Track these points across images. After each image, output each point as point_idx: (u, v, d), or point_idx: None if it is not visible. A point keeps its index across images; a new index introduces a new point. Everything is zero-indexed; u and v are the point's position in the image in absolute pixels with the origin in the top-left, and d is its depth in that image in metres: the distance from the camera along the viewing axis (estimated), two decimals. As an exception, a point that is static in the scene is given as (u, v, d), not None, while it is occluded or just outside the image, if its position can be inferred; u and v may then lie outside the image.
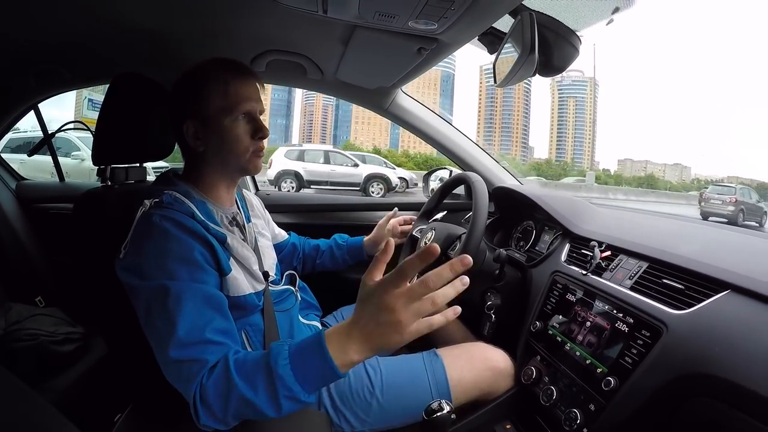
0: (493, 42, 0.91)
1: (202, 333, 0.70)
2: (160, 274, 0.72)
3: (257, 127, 0.88)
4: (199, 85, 0.85)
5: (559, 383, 0.90)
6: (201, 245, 0.78)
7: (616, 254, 0.95)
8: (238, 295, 0.84)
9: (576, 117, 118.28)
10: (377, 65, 1.19)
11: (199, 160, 0.89)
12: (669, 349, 0.71)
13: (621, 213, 1.35)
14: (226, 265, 0.82)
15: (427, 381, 0.95)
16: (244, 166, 0.90)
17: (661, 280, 0.82)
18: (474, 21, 0.79)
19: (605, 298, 0.88)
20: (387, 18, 0.81)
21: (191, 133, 0.86)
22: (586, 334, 0.88)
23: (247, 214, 1.02)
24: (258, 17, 1.03)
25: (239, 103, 0.85)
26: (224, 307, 0.76)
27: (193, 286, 0.73)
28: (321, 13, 0.83)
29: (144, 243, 0.75)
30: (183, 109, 0.87)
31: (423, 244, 1.18)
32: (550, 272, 1.06)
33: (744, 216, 13.76)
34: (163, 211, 0.77)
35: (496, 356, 1.03)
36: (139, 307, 0.74)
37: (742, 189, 15.34)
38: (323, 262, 1.32)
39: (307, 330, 1.03)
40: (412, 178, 13.94)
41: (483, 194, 1.07)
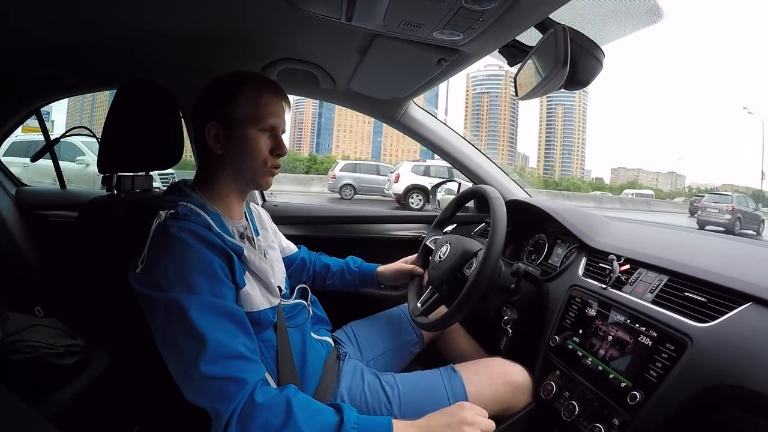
0: (514, 54, 0.95)
1: (234, 347, 0.72)
2: (179, 286, 0.73)
3: (278, 143, 0.93)
4: (235, 89, 0.89)
5: (581, 398, 0.92)
6: (220, 258, 0.80)
7: (635, 268, 0.98)
8: (253, 310, 0.86)
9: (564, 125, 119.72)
10: (393, 76, 1.22)
11: (214, 164, 0.92)
12: (695, 362, 0.74)
13: (635, 226, 1.38)
14: (240, 279, 0.83)
15: (446, 396, 0.97)
16: (257, 179, 0.93)
17: (683, 293, 0.85)
18: (499, 33, 0.83)
19: (626, 312, 0.91)
20: (412, 27, 0.85)
21: (213, 134, 0.89)
22: (608, 348, 0.90)
23: (255, 227, 1.04)
24: (272, 24, 1.06)
25: (268, 116, 0.90)
26: (247, 324, 0.78)
27: (215, 300, 0.74)
28: (344, 20, 0.87)
29: (162, 255, 0.76)
30: (210, 109, 0.90)
31: (438, 257, 1.19)
32: (568, 286, 1.08)
33: (741, 224, 13.95)
34: (179, 222, 0.78)
35: (515, 371, 1.05)
36: (154, 320, 0.75)
37: (739, 197, 15.63)
38: (333, 284, 1.33)
39: (318, 346, 1.05)
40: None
41: (501, 211, 1.07)
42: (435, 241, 1.32)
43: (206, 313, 0.72)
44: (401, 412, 0.94)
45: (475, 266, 1.05)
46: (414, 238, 1.75)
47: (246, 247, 0.88)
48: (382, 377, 1.02)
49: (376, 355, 1.21)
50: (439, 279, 1.15)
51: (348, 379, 1.01)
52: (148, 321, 0.76)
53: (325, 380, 0.99)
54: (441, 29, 0.83)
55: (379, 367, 1.14)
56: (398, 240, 1.76)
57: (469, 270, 1.10)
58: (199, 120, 0.91)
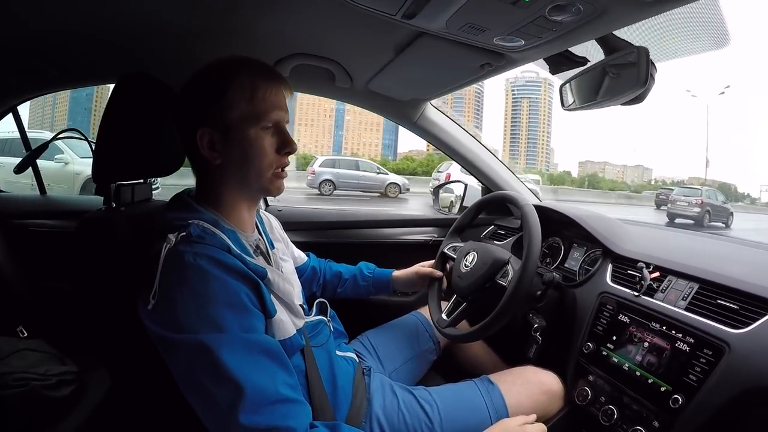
0: (559, 62, 0.98)
1: (275, 389, 0.66)
2: (203, 325, 0.65)
3: (285, 140, 0.82)
4: (223, 87, 0.77)
5: (618, 402, 0.97)
6: (246, 285, 0.72)
7: (665, 275, 1.04)
8: (285, 338, 0.80)
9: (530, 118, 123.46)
10: (424, 76, 1.23)
11: (214, 177, 0.82)
12: (733, 366, 0.81)
13: (653, 231, 1.46)
14: (271, 305, 0.77)
15: (486, 409, 0.98)
16: (266, 186, 0.84)
17: (715, 300, 0.91)
18: (560, 43, 0.86)
19: (661, 319, 0.96)
20: (474, 31, 0.86)
21: (206, 143, 0.78)
22: (645, 354, 0.96)
23: (269, 239, 0.98)
24: (289, 15, 1.00)
25: (268, 111, 0.79)
26: (284, 357, 0.72)
27: (246, 336, 0.68)
28: (399, 18, 0.83)
29: (178, 289, 0.68)
30: (198, 114, 0.79)
31: (463, 266, 1.21)
32: (597, 293, 1.14)
33: (710, 217, 14.81)
34: (194, 247, 0.70)
35: (549, 379, 1.08)
36: (176, 365, 0.68)
37: (708, 191, 16.29)
38: (345, 291, 1.30)
39: (344, 363, 1.01)
40: (404, 183, 15.98)
41: (535, 220, 1.11)
42: (455, 249, 1.33)
43: (239, 353, 0.65)
44: (442, 429, 0.94)
45: (513, 276, 1.08)
46: (425, 242, 1.78)
47: (268, 267, 0.80)
48: (417, 393, 1.01)
49: (397, 366, 1.21)
50: (468, 289, 1.17)
51: (379, 397, 0.99)
52: (167, 363, 0.69)
53: (356, 401, 0.95)
54: (506, 35, 0.84)
55: (401, 378, 1.15)
56: (408, 244, 1.78)
57: (503, 279, 1.12)
58: (187, 127, 0.80)
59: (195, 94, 0.80)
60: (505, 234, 1.58)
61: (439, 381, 1.21)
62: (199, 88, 0.80)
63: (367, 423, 0.94)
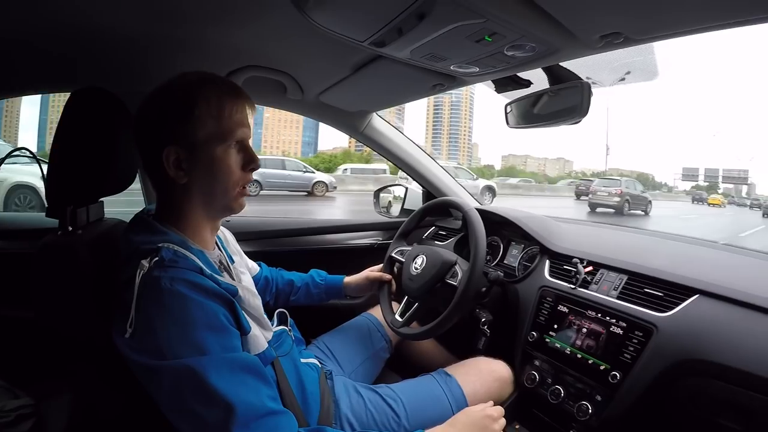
0: (505, 84, 1.08)
1: (262, 404, 0.67)
2: (185, 349, 0.65)
3: (250, 157, 0.83)
4: (190, 104, 0.76)
5: (563, 383, 1.10)
6: (222, 306, 0.72)
7: (597, 269, 1.20)
8: (259, 352, 0.81)
9: (451, 113, 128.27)
10: (378, 92, 1.29)
11: (179, 195, 0.81)
12: (661, 344, 0.96)
13: (586, 228, 1.64)
14: (245, 322, 0.78)
15: (446, 400, 1.07)
16: (230, 204, 0.84)
17: (642, 289, 1.07)
18: (510, 71, 0.95)
19: (596, 308, 1.11)
20: (435, 59, 0.93)
21: (172, 162, 0.77)
22: (584, 338, 1.10)
23: (228, 253, 0.99)
24: (246, 28, 1.00)
25: (234, 129, 0.79)
26: (263, 371, 0.73)
27: (229, 356, 0.68)
28: (367, 44, 0.87)
29: (157, 315, 0.67)
30: (163, 132, 0.77)
31: (413, 269, 1.29)
32: (537, 287, 1.27)
33: (629, 206, 15.82)
34: (169, 272, 0.69)
35: (499, 367, 1.20)
36: (160, 392, 0.67)
37: (627, 181, 17.39)
38: (298, 299, 1.32)
39: (309, 370, 1.03)
40: (331, 181, 15.99)
41: (479, 222, 1.22)
42: (402, 252, 1.41)
43: (224, 373, 0.65)
44: (410, 423, 1.01)
45: (463, 275, 1.18)
46: (371, 246, 1.84)
47: (237, 285, 0.81)
48: (380, 391, 1.06)
49: (355, 366, 1.26)
50: (420, 290, 1.25)
51: (345, 398, 1.03)
52: (149, 390, 0.69)
53: (323, 404, 0.99)
54: (463, 64, 0.92)
55: (360, 378, 1.21)
56: (355, 248, 1.83)
57: (453, 279, 1.21)
58: (151, 146, 0.78)
59: (159, 111, 0.78)
60: (447, 235, 1.68)
61: (395, 378, 1.29)
62: (163, 105, 0.78)
63: (337, 424, 0.98)
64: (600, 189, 16.39)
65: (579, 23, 0.75)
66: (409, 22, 0.75)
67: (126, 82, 1.12)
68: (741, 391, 0.84)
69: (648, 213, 16.92)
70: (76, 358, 0.83)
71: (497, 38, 0.79)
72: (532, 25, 0.76)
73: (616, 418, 0.97)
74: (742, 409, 0.84)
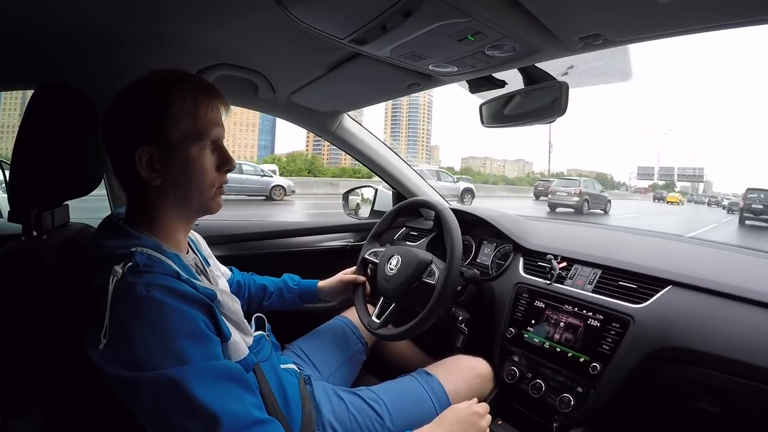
0: (480, 84, 1.10)
1: (247, 413, 0.65)
2: (165, 359, 0.62)
3: (225, 158, 0.81)
4: (164, 103, 0.73)
5: (543, 376, 1.13)
6: (201, 311, 0.69)
7: (571, 264, 1.23)
8: (241, 358, 0.78)
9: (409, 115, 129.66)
10: (353, 92, 1.28)
11: (152, 197, 0.78)
12: (638, 334, 1.00)
13: (557, 225, 1.69)
14: (225, 328, 0.75)
15: (429, 399, 1.06)
16: (206, 204, 0.81)
17: (617, 282, 1.11)
18: (488, 70, 0.97)
19: (572, 302, 1.14)
20: (414, 58, 0.93)
21: (145, 163, 0.73)
22: (562, 332, 1.12)
23: (203, 257, 0.96)
24: (219, 25, 0.97)
25: (209, 128, 0.77)
26: (247, 380, 0.71)
27: (209, 364, 0.65)
28: (347, 42, 0.86)
29: (134, 323, 0.64)
30: (136, 132, 0.74)
31: (388, 269, 1.28)
32: (513, 284, 1.30)
33: (589, 205, 16.11)
34: (144, 277, 0.66)
35: (479, 364, 1.21)
36: (140, 405, 0.64)
37: (586, 181, 17.73)
38: (271, 304, 1.29)
39: (288, 375, 1.00)
40: (290, 185, 15.81)
41: (454, 221, 1.23)
42: (375, 254, 1.40)
43: (207, 383, 0.63)
44: (393, 424, 0.99)
45: (441, 274, 1.18)
46: (343, 248, 1.82)
47: (216, 288, 0.78)
48: (361, 393, 1.05)
49: (332, 370, 1.24)
50: (396, 290, 1.25)
51: (326, 403, 1.00)
52: (127, 404, 0.65)
53: (305, 410, 0.96)
54: (442, 63, 0.93)
55: (338, 382, 1.19)
56: (327, 251, 1.81)
57: (430, 278, 1.22)
58: (122, 146, 0.74)
59: (132, 110, 0.74)
60: (418, 235, 1.69)
61: (373, 380, 1.26)
62: (136, 103, 0.74)
63: (320, 430, 0.95)
64: (559, 189, 16.67)
65: (560, 24, 0.77)
66: (395, 19, 0.74)
67: (93, 80, 1.06)
68: (715, 375, 0.89)
69: (607, 212, 17.32)
70: (46, 372, 0.76)
71: (479, 38, 0.80)
72: (515, 25, 0.77)
73: (599, 408, 1.00)
74: (718, 392, 0.89)
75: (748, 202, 15.29)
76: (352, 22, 0.79)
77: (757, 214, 14.91)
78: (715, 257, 1.26)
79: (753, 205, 15.02)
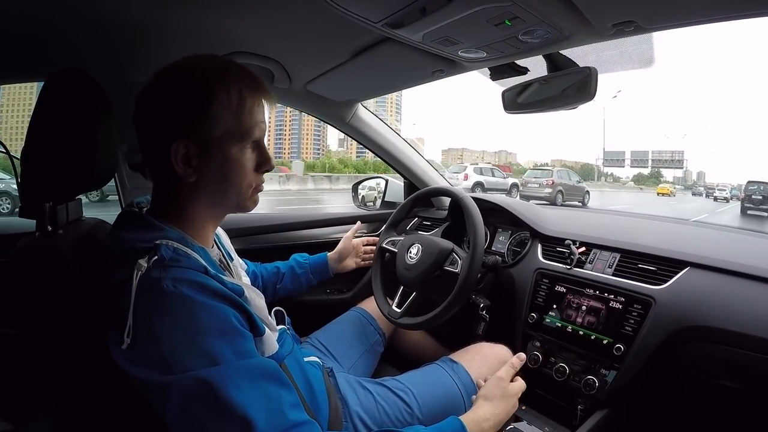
0: (502, 71, 1.11)
1: (284, 416, 0.61)
2: (196, 360, 0.59)
3: (265, 158, 0.77)
4: (207, 96, 0.69)
5: (567, 360, 1.15)
6: (232, 307, 0.66)
7: (590, 249, 1.25)
8: (272, 354, 0.76)
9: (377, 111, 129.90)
10: (374, 79, 1.28)
11: (184, 193, 0.74)
12: (660, 315, 1.03)
13: (571, 212, 1.71)
14: (260, 323, 0.72)
15: (456, 387, 1.06)
16: (242, 203, 0.78)
17: (636, 265, 1.14)
18: (515, 57, 0.98)
19: (594, 285, 1.16)
20: (445, 43, 0.93)
21: (181, 157, 0.69)
22: (584, 316, 1.15)
23: (227, 252, 0.93)
24: (240, 11, 0.95)
25: (253, 127, 0.73)
26: (283, 377, 0.67)
27: (243, 363, 0.62)
28: (381, 26, 0.86)
29: (160, 322, 0.61)
30: (174, 124, 0.69)
31: (408, 258, 1.29)
32: (533, 270, 1.31)
33: (563, 197, 15.55)
34: (170, 272, 0.63)
35: (502, 351, 1.21)
36: (169, 409, 0.60)
37: (560, 171, 17.27)
38: (284, 286, 1.30)
39: (312, 368, 0.98)
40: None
41: (476, 210, 1.24)
42: (393, 243, 1.41)
43: (240, 383, 0.59)
44: (422, 413, 0.99)
45: (464, 261, 1.19)
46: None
47: (243, 285, 0.75)
48: (387, 383, 1.04)
49: (353, 362, 1.24)
50: (417, 279, 1.25)
51: (352, 395, 0.99)
52: (155, 408, 0.62)
53: (331, 403, 0.94)
54: (472, 48, 0.94)
55: (359, 374, 1.19)
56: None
57: (453, 266, 1.22)
58: (158, 138, 0.70)
59: (170, 100, 0.70)
60: (431, 225, 1.70)
61: (393, 371, 1.26)
62: (177, 92, 0.69)
63: (349, 423, 0.93)
64: (531, 180, 16.26)
65: (597, 11, 0.78)
66: (437, 1, 0.75)
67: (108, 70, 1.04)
68: (734, 351, 0.93)
69: (586, 204, 16.68)
70: (60, 376, 0.75)
71: (516, 23, 0.81)
72: (553, 11, 0.78)
73: (623, 388, 1.03)
74: (738, 368, 0.93)
75: (748, 194, 16.55)
76: (391, 4, 0.79)
77: (756, 204, 16.22)
78: (728, 239, 1.30)
79: (753, 196, 16.34)
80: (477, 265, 1.16)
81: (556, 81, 1.04)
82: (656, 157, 45.75)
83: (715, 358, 0.95)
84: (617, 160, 48.96)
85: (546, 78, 1.06)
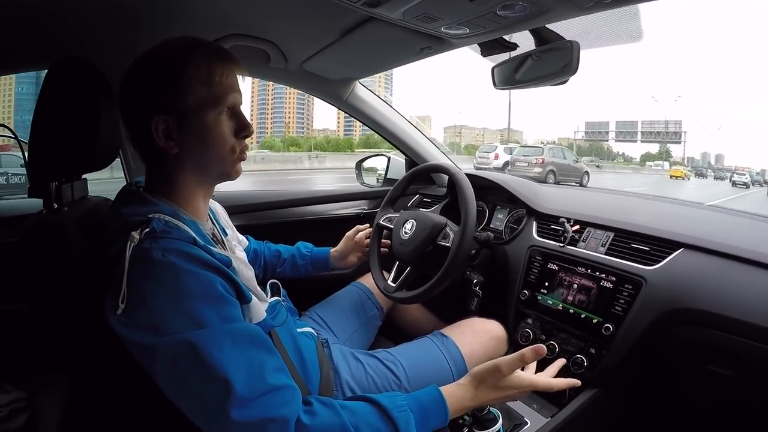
0: (492, 47, 1.08)
1: (263, 380, 0.64)
2: (182, 323, 0.63)
3: (243, 123, 0.80)
4: (178, 70, 0.73)
5: (557, 338, 1.14)
6: (218, 275, 0.70)
7: (584, 227, 1.23)
8: (259, 321, 0.79)
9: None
10: (365, 57, 1.27)
11: (170, 166, 0.78)
12: (650, 296, 1.00)
13: (569, 190, 1.67)
14: (246, 291, 0.75)
15: (445, 360, 1.07)
16: (226, 170, 0.81)
17: (629, 245, 1.11)
18: (499, 32, 0.95)
19: (586, 264, 1.14)
20: (426, 20, 0.91)
21: (162, 131, 0.74)
22: (575, 294, 1.13)
23: (221, 226, 0.97)
24: None
25: (224, 94, 0.76)
26: (267, 342, 0.70)
27: (227, 327, 0.65)
28: (360, 5, 0.86)
29: (150, 288, 0.64)
30: (151, 100, 0.74)
31: (403, 233, 1.29)
32: (527, 247, 1.30)
33: (555, 177, 13.67)
34: (160, 242, 0.67)
35: (493, 326, 1.22)
36: (159, 370, 0.65)
37: (552, 149, 15.43)
38: (284, 271, 1.32)
39: (305, 338, 1.01)
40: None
41: (468, 186, 1.23)
42: (390, 219, 1.41)
43: (224, 346, 0.63)
44: (410, 384, 1.00)
45: (456, 235, 1.18)
46: (356, 215, 1.83)
47: (231, 255, 0.79)
48: (379, 355, 1.06)
49: (349, 335, 1.26)
50: (411, 254, 1.25)
51: (344, 365, 1.02)
52: (147, 369, 0.66)
53: (323, 372, 0.97)
54: (454, 24, 0.91)
55: (355, 346, 1.21)
56: (340, 218, 1.82)
57: (445, 240, 1.22)
58: (138, 115, 0.75)
59: (146, 79, 0.74)
60: (432, 202, 1.69)
61: (389, 344, 1.28)
62: (150, 72, 0.74)
63: (338, 391, 0.97)
64: (520, 159, 14.52)
65: None
66: None
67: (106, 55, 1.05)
68: (726, 337, 0.90)
69: (584, 185, 14.06)
70: (69, 347, 0.78)
71: None
72: None
73: (611, 368, 1.02)
74: (731, 354, 0.90)
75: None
76: None
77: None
78: (728, 222, 1.25)
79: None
80: (468, 239, 1.15)
81: (542, 56, 1.01)
82: (647, 128, 37.15)
83: (706, 343, 0.93)
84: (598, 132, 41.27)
85: (531, 53, 1.03)
